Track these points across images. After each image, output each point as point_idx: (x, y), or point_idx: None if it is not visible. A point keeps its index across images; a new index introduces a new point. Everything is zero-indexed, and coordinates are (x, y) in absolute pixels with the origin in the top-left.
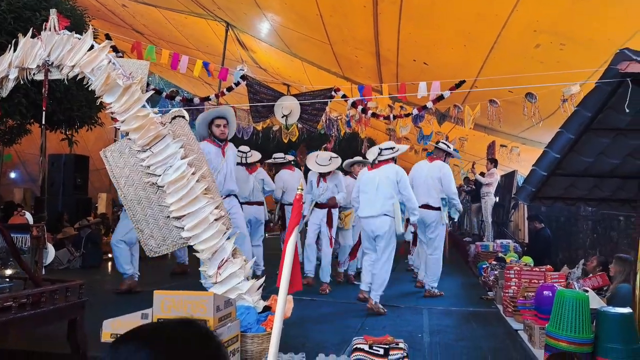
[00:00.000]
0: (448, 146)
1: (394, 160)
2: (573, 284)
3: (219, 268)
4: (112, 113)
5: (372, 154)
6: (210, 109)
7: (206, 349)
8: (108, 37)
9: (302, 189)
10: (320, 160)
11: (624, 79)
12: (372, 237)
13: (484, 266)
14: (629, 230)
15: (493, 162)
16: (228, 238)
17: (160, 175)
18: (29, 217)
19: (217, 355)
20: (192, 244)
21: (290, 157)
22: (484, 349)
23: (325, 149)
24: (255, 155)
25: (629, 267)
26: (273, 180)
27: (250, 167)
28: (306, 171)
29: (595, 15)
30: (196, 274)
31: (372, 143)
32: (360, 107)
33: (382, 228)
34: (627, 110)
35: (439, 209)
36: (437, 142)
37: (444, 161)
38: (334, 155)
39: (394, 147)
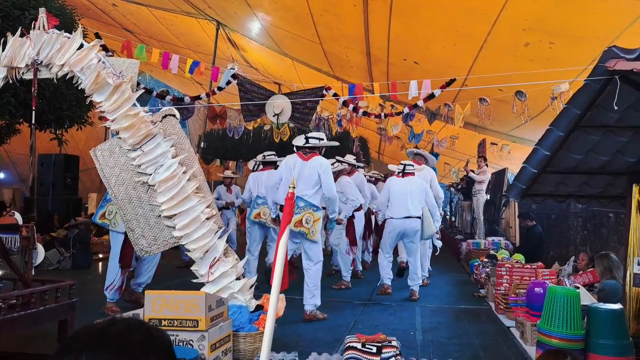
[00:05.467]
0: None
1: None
2: (564, 281)
3: (210, 267)
4: (102, 112)
5: (397, 167)
6: (201, 108)
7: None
8: (98, 36)
9: (294, 187)
10: None
11: (612, 77)
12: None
13: (476, 263)
14: (619, 226)
15: (485, 159)
16: (219, 237)
17: (151, 174)
18: (18, 217)
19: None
20: (183, 243)
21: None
22: (476, 346)
23: None
24: None
25: (608, 262)
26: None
27: None
28: None
29: (584, 13)
30: (189, 273)
31: (363, 142)
32: (351, 106)
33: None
34: (616, 108)
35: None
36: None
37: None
38: None
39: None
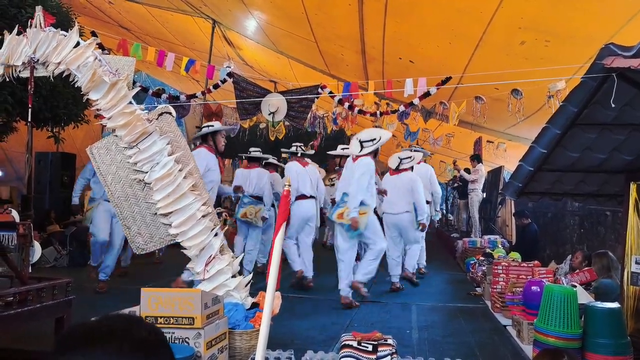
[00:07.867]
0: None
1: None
2: (561, 279)
3: (206, 265)
4: (98, 110)
5: (393, 161)
6: (197, 106)
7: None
8: (94, 34)
9: (289, 185)
10: None
11: (609, 74)
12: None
13: (472, 262)
14: (616, 225)
15: (476, 158)
16: (216, 234)
17: (147, 172)
18: (15, 214)
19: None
20: (179, 240)
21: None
22: (472, 345)
23: (312, 147)
24: None
25: (607, 260)
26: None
27: None
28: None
29: (579, 12)
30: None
31: None
32: (346, 104)
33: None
34: (613, 105)
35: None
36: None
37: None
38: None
39: (411, 157)
